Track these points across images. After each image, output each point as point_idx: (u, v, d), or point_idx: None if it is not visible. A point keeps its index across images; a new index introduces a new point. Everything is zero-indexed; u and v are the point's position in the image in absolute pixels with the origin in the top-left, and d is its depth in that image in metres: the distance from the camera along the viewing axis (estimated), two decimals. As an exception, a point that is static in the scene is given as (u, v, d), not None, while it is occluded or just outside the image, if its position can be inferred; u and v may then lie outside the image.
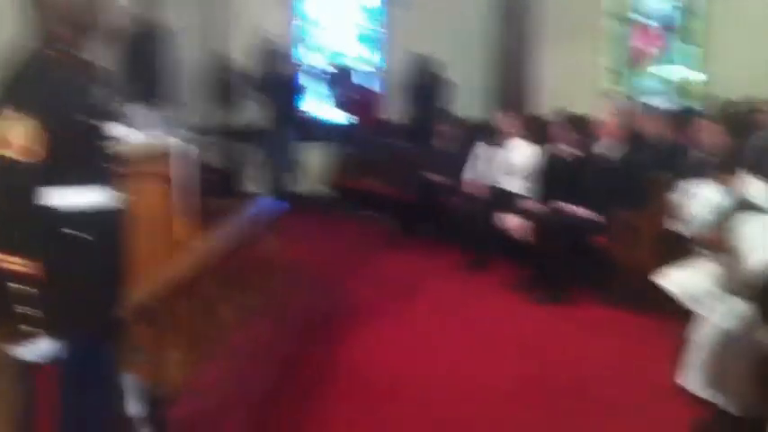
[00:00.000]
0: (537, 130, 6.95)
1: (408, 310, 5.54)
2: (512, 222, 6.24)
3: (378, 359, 4.56)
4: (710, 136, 5.68)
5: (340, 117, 9.99)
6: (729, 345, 3.60)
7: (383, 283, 6.15)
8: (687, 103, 8.69)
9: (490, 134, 7.29)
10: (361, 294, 5.82)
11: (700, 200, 4.49)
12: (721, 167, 4.50)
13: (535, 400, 4.06)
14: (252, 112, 9.44)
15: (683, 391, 3.80)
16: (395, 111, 9.70)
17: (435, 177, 7.50)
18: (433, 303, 5.74)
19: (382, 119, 9.87)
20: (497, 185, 6.91)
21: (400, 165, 8.20)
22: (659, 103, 8.48)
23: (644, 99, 8.81)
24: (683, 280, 4.25)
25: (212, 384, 3.96)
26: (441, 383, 4.23)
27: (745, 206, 4.03)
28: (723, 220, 4.09)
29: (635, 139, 6.20)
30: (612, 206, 5.63)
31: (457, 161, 7.33)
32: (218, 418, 3.67)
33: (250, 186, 9.37)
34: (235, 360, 4.34)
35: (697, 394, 3.76)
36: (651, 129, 6.27)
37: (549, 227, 5.86)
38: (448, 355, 4.69)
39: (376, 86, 10.37)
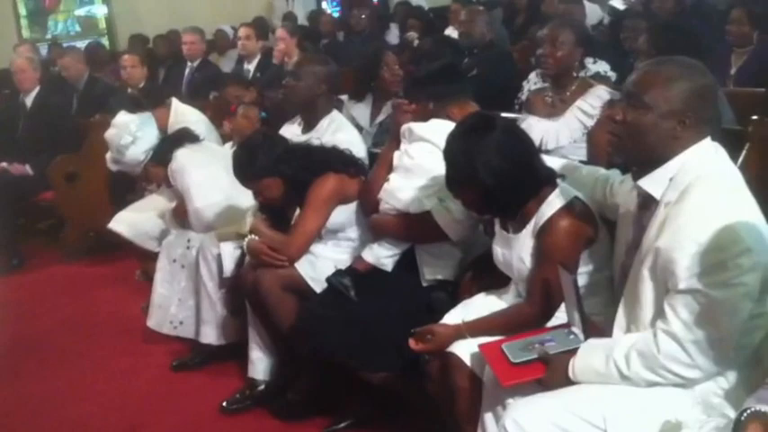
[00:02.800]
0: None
1: None
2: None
3: None
4: (131, 69, 5.69)
5: None
6: (182, 274, 3.67)
7: None
8: (96, 38, 8.71)
9: None
10: None
11: (118, 132, 4.32)
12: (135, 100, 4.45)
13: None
14: None
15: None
16: None
17: None
18: None
19: None
20: None
21: None
22: (82, 44, 8.23)
23: (68, 42, 8.53)
24: (134, 220, 4.18)
25: None
26: None
27: (181, 137, 4.00)
28: (159, 154, 4.00)
29: (53, 81, 5.95)
30: (46, 156, 5.26)
31: None
32: None
33: None
34: None
35: (168, 333, 3.76)
36: (70, 70, 6.00)
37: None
38: None
39: None
